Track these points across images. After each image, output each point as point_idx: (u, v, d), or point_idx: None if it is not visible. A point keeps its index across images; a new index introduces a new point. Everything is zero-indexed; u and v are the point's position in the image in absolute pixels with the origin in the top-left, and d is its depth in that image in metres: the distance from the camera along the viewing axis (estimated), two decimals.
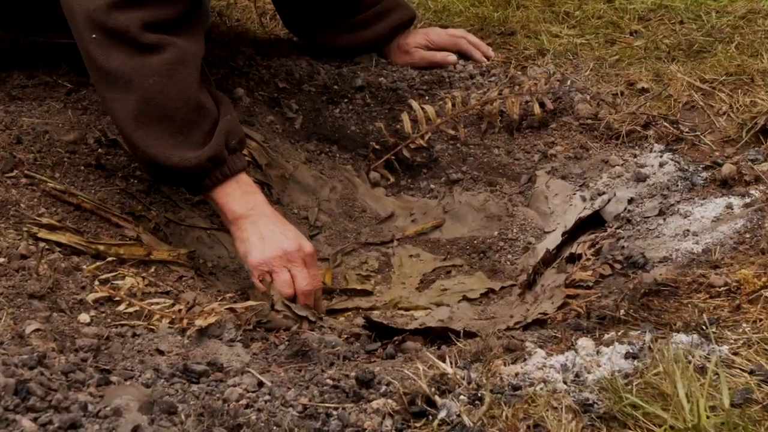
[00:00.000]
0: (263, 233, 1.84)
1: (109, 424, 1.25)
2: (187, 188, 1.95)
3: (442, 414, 1.27)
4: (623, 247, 1.87)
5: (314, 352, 1.57)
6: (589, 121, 2.33)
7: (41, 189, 1.92)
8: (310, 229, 2.25)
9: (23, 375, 1.30)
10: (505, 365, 1.39)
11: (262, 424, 1.27)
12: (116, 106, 1.81)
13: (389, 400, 1.31)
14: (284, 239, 1.84)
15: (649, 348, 1.40)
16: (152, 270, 1.85)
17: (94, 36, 1.78)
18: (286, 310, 1.79)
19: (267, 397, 1.35)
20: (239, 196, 1.86)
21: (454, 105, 2.36)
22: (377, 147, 2.38)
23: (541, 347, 1.46)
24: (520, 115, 2.37)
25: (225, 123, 1.84)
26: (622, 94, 2.36)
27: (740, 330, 1.47)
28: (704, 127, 2.21)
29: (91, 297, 1.68)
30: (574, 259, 1.94)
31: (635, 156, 2.20)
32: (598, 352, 1.42)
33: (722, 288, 1.61)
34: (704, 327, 1.46)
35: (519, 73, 2.49)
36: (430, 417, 1.27)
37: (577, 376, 1.36)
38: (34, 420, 1.23)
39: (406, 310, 2.04)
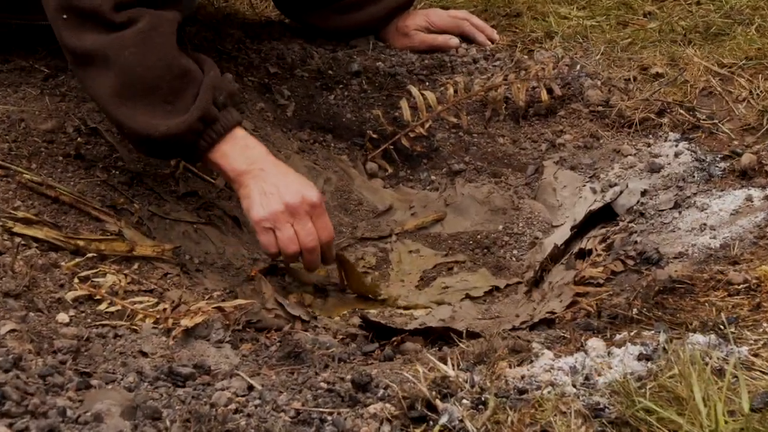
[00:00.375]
0: (265, 188, 1.85)
1: (89, 431, 1.24)
2: (183, 157, 1.97)
3: (444, 419, 1.27)
4: (636, 242, 1.87)
5: (307, 353, 1.57)
6: (600, 109, 2.33)
7: (17, 181, 1.92)
8: None
9: None
10: (510, 367, 1.39)
11: (252, 430, 1.27)
12: (96, 85, 1.83)
13: (387, 405, 1.31)
14: (286, 192, 1.84)
15: (664, 349, 1.40)
16: (135, 267, 1.85)
17: (65, 17, 1.81)
18: (277, 308, 1.79)
19: (257, 402, 1.35)
20: (238, 152, 1.87)
21: (456, 91, 2.36)
22: (374, 136, 2.38)
23: (548, 348, 1.46)
24: (526, 101, 2.37)
25: (210, 80, 1.85)
26: (634, 79, 2.36)
27: (760, 330, 1.47)
28: (722, 115, 2.21)
29: (70, 295, 1.67)
30: (583, 254, 1.94)
31: (649, 145, 2.20)
32: (609, 354, 1.42)
33: (741, 285, 1.60)
34: (722, 327, 1.46)
35: (525, 57, 2.49)
36: (431, 422, 1.27)
37: (587, 378, 1.36)
38: (10, 426, 1.23)
39: (406, 308, 2.04)
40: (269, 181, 1.86)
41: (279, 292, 1.93)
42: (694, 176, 2.03)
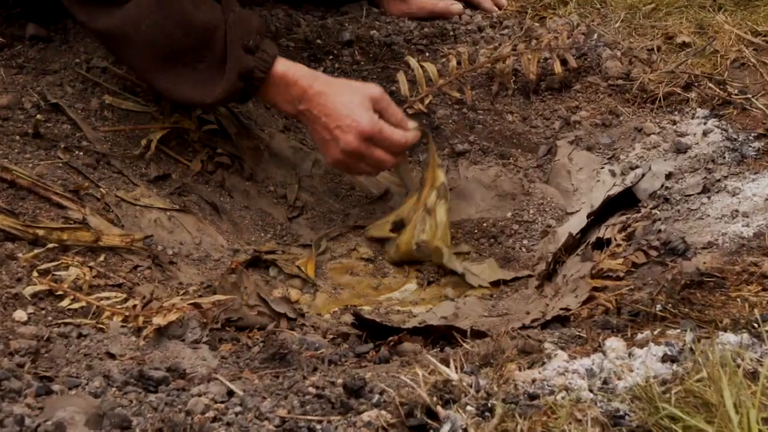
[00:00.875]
0: (321, 131, 2.03)
1: None
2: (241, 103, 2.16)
3: (446, 428, 1.27)
4: (660, 230, 1.87)
5: (294, 355, 1.57)
6: (620, 82, 2.32)
7: None
8: (289, 210, 2.24)
9: None
10: (519, 370, 1.39)
11: None
12: (130, 61, 2.04)
13: (383, 412, 1.31)
14: (352, 123, 2.00)
15: (691, 349, 1.39)
16: (101, 259, 1.85)
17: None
18: (261, 305, 1.79)
19: (238, 409, 1.34)
20: (284, 92, 2.02)
21: (459, 63, 2.35)
22: None
23: (562, 349, 1.46)
24: (537, 74, 2.37)
25: (233, 28, 1.96)
26: (658, 49, 2.35)
27: None
28: (756, 89, 2.21)
29: (28, 291, 1.67)
30: (601, 244, 1.94)
31: (674, 123, 2.20)
32: (630, 355, 1.42)
33: None
34: (756, 325, 1.46)
35: (537, 24, 2.48)
36: (432, 431, 1.27)
37: (605, 382, 1.36)
38: None
39: (403, 305, 2.04)
40: (321, 121, 2.01)
41: (262, 287, 1.92)
42: (724, 157, 2.03)
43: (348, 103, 2.02)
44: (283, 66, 2.02)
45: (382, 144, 2.04)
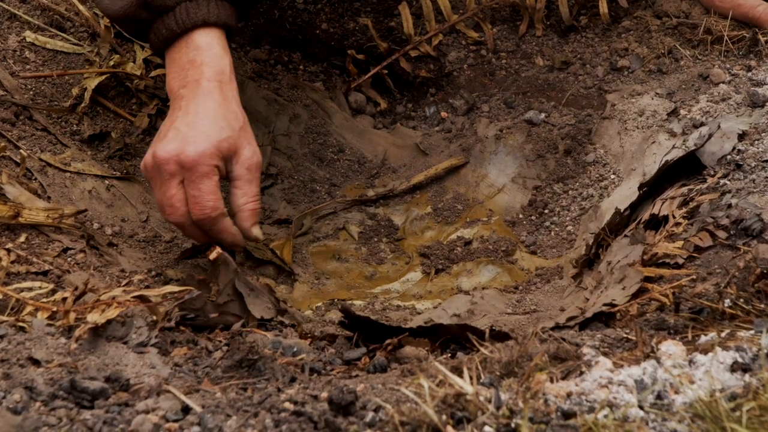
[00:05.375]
0: (164, 128, 1.96)
1: None
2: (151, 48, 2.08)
3: None
4: (730, 205, 1.87)
5: (266, 361, 1.58)
6: (681, 19, 2.32)
7: None
8: (261, 178, 2.24)
9: None
10: (551, 381, 1.39)
11: None
12: None
13: None
14: (166, 141, 1.93)
15: (767, 356, 1.40)
16: (21, 239, 1.84)
17: None
18: (232, 298, 1.79)
19: (195, 429, 1.35)
20: (180, 65, 1.98)
21: None
22: (360, 56, 2.37)
23: (605, 355, 1.46)
24: (576, 7, 2.36)
25: None
26: None
27: None
28: None
29: None
30: (657, 223, 1.94)
31: (749, 69, 2.19)
32: (690, 363, 1.42)
33: None
34: None
35: None
36: None
37: (659, 397, 1.36)
38: None
39: (405, 299, 2.04)
40: (175, 118, 1.95)
41: (246, 278, 1.91)
42: None
43: (215, 121, 1.96)
44: (212, 37, 1.98)
45: (191, 193, 1.93)
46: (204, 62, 1.96)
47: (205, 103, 1.95)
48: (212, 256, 1.82)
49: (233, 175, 1.94)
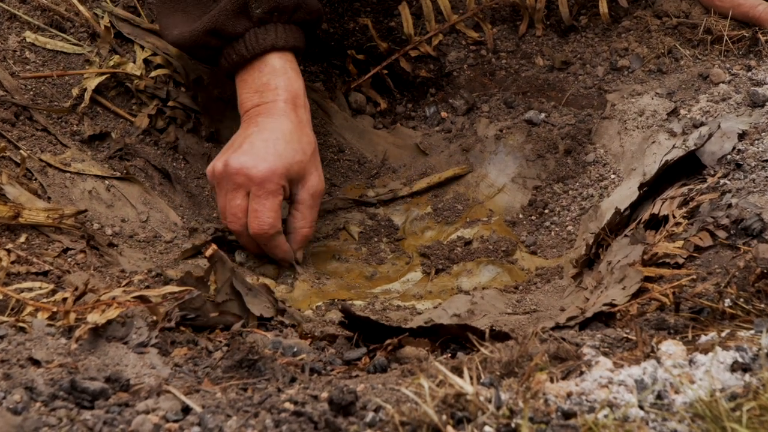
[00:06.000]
0: (235, 140, 2.06)
1: None
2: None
3: None
4: (731, 205, 1.87)
5: (266, 362, 1.57)
6: (680, 18, 2.32)
7: None
8: None
9: None
10: (552, 381, 1.39)
11: None
12: None
13: None
14: (240, 153, 2.02)
15: (767, 356, 1.40)
16: (22, 240, 1.84)
17: None
18: (231, 297, 1.79)
19: (196, 429, 1.35)
20: (254, 86, 2.07)
21: None
22: (360, 56, 2.37)
23: (605, 355, 1.46)
24: (576, 7, 2.36)
25: None
26: None
27: None
28: None
29: None
30: (657, 223, 1.94)
31: (748, 69, 2.19)
32: (690, 362, 1.42)
33: None
34: None
35: None
36: None
37: (659, 397, 1.36)
38: None
39: (405, 299, 2.04)
40: (250, 133, 2.04)
41: (242, 277, 1.91)
42: None
43: (288, 144, 2.04)
44: (285, 60, 2.07)
45: (253, 207, 2.03)
46: (279, 86, 2.06)
47: (281, 123, 2.04)
48: (208, 253, 1.82)
49: (297, 198, 2.06)
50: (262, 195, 2.01)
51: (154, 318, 1.68)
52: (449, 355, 1.65)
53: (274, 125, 2.04)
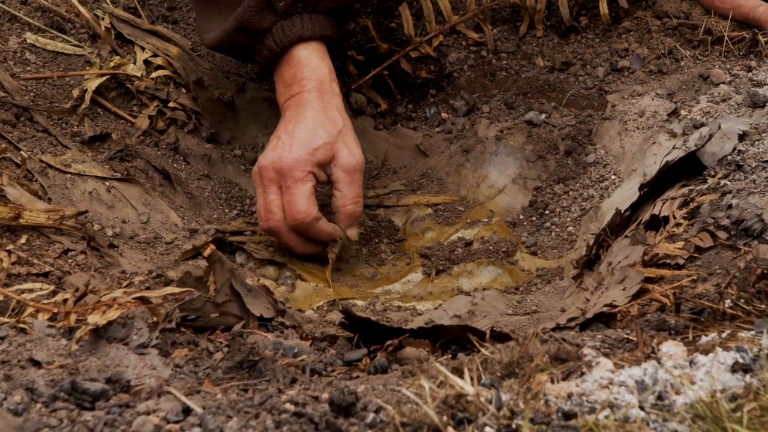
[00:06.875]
0: (274, 137, 2.12)
1: None
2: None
3: None
4: (731, 206, 1.87)
5: (267, 362, 1.57)
6: (681, 19, 2.32)
7: None
8: None
9: None
10: (552, 382, 1.39)
11: None
12: None
13: None
14: (270, 149, 2.08)
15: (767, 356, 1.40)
16: (22, 241, 1.84)
17: None
18: (230, 298, 1.79)
19: (197, 430, 1.35)
20: (286, 80, 2.12)
21: None
22: (360, 57, 2.37)
23: (606, 355, 1.46)
24: (576, 7, 2.36)
25: None
26: None
27: None
28: None
29: None
30: (657, 224, 1.94)
31: (749, 69, 2.19)
32: (691, 363, 1.42)
33: None
34: None
35: None
36: None
37: (660, 398, 1.36)
38: None
39: (406, 300, 2.04)
40: (278, 129, 2.11)
41: (241, 278, 1.91)
42: None
43: (314, 129, 2.08)
44: (311, 49, 2.10)
45: (286, 198, 2.07)
46: (304, 76, 2.10)
47: (305, 113, 2.09)
48: (206, 253, 1.82)
49: (333, 178, 2.09)
50: (292, 184, 2.04)
51: (155, 319, 1.68)
52: (450, 356, 1.65)
53: (298, 116, 2.09)
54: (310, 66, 2.10)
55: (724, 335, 1.50)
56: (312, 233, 2.08)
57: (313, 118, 2.08)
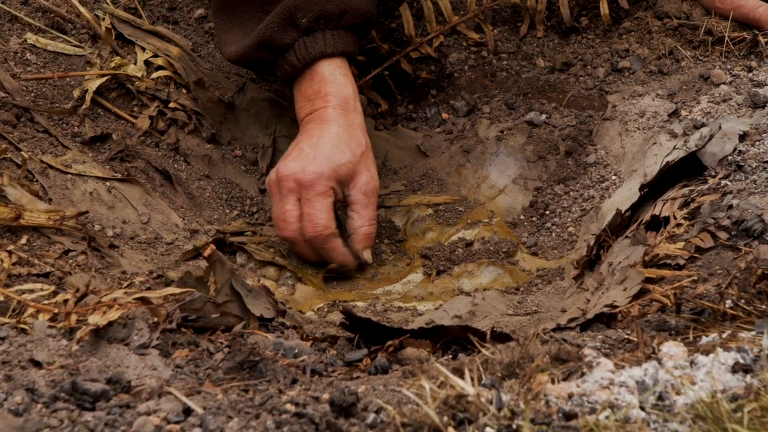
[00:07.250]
0: (292, 148, 2.13)
1: None
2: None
3: None
4: (732, 206, 1.87)
5: (267, 363, 1.57)
6: (681, 20, 2.32)
7: None
8: (262, 180, 2.24)
9: None
10: (553, 383, 1.39)
11: None
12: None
13: None
14: (289, 160, 2.09)
15: None
16: (23, 241, 1.84)
17: None
18: (231, 298, 1.79)
19: (197, 431, 1.35)
20: (307, 95, 2.14)
21: None
22: (360, 57, 2.37)
23: (606, 356, 1.46)
24: (577, 8, 2.36)
25: None
26: None
27: None
28: None
29: None
30: (658, 224, 1.94)
31: (749, 70, 2.19)
32: (692, 364, 1.42)
33: None
34: None
35: None
36: None
37: (660, 398, 1.36)
38: None
39: (406, 300, 2.03)
40: (300, 140, 2.11)
41: (241, 279, 1.91)
42: None
43: (336, 146, 2.08)
44: (335, 66, 2.11)
45: (306, 210, 2.08)
46: (329, 92, 2.11)
47: (329, 128, 2.10)
48: (206, 253, 1.82)
49: (350, 199, 2.10)
50: (313, 197, 2.05)
51: (155, 319, 1.68)
52: (450, 356, 1.65)
53: (322, 131, 2.09)
54: (335, 83, 2.11)
55: (724, 336, 1.50)
56: (327, 248, 2.09)
57: (338, 135, 2.09)
